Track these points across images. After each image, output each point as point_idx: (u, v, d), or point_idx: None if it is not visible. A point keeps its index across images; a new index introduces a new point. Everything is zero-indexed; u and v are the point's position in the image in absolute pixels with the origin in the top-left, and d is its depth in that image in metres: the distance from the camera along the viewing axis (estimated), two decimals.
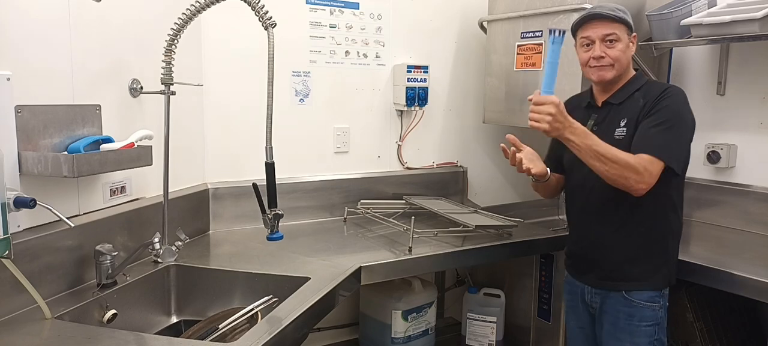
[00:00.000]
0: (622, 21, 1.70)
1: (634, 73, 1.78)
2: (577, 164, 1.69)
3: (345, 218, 2.46)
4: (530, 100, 1.61)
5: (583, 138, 1.59)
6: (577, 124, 1.60)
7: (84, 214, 1.62)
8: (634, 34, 1.75)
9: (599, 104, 1.81)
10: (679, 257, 1.79)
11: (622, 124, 1.71)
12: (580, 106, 1.86)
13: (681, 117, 1.64)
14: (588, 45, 1.74)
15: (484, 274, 2.78)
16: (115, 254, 1.59)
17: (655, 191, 1.61)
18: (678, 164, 1.64)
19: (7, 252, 1.25)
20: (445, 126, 2.81)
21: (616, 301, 1.73)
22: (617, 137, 1.69)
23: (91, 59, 1.63)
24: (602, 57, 1.71)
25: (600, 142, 1.59)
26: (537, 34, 2.36)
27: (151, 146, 1.69)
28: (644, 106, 1.67)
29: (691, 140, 1.68)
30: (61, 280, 1.52)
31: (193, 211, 2.12)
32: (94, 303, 1.52)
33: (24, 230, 1.42)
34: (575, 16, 2.19)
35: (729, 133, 2.37)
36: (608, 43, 1.70)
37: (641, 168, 1.57)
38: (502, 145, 1.78)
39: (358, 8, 2.51)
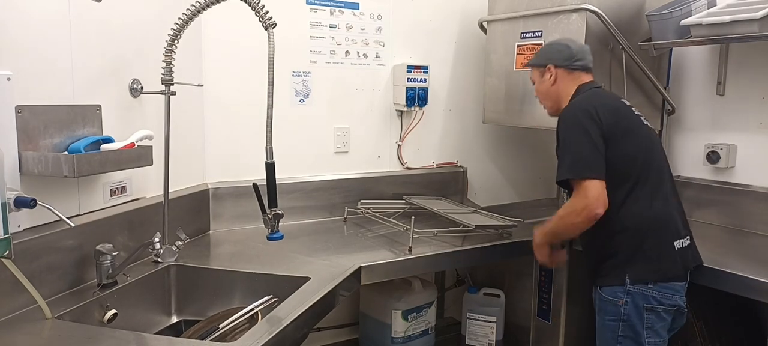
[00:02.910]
0: (531, 66, 2.02)
1: (573, 91, 1.90)
2: None
3: (345, 218, 2.46)
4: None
5: (547, 237, 1.89)
6: (539, 234, 1.90)
7: (84, 214, 1.62)
8: (548, 66, 1.93)
9: None
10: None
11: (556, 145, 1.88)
12: None
13: (566, 135, 1.76)
14: None
15: (484, 274, 2.78)
16: (116, 254, 1.59)
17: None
18: (580, 173, 1.69)
19: (7, 252, 1.25)
20: (445, 126, 2.81)
21: (595, 295, 1.83)
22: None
23: (91, 59, 1.63)
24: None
25: (550, 225, 1.84)
26: (537, 34, 2.36)
27: (151, 146, 1.69)
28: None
29: (588, 139, 1.70)
30: (61, 280, 1.52)
31: (193, 211, 2.13)
32: (95, 303, 1.52)
33: (24, 229, 1.42)
34: (575, 16, 2.21)
35: (729, 134, 2.37)
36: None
37: (575, 203, 1.71)
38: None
39: (358, 8, 2.51)
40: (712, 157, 2.37)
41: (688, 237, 1.79)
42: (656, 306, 1.70)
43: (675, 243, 1.74)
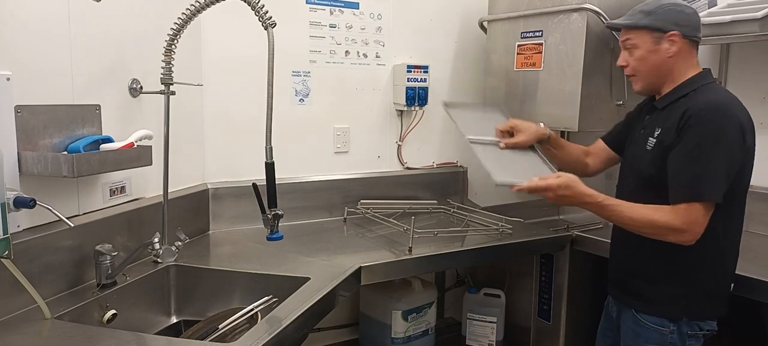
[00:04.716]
0: (636, 27, 1.59)
1: (693, 74, 1.59)
2: (623, 163, 1.80)
3: (345, 218, 2.46)
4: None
5: (599, 209, 1.60)
6: (598, 198, 1.58)
7: (84, 214, 1.62)
8: (672, 32, 1.54)
9: (654, 106, 1.69)
10: None
11: (656, 134, 1.60)
12: (643, 108, 1.78)
13: (708, 144, 1.48)
14: None
15: (484, 274, 2.78)
16: (115, 254, 1.59)
17: None
18: (712, 195, 1.48)
19: (6, 252, 1.24)
20: (445, 126, 2.80)
21: (628, 316, 1.70)
22: (647, 147, 1.61)
23: (91, 59, 1.63)
24: (625, 66, 1.67)
25: (621, 209, 1.57)
26: (537, 33, 2.36)
27: (150, 146, 1.69)
28: (681, 117, 1.52)
29: (729, 161, 1.49)
30: (60, 280, 1.52)
31: (192, 211, 2.12)
32: (94, 303, 1.52)
33: (24, 230, 1.42)
34: (575, 16, 2.20)
35: None
36: (629, 51, 1.64)
37: (681, 223, 1.48)
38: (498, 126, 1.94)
39: (358, 8, 2.51)
40: None
41: None
42: (698, 332, 1.62)
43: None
